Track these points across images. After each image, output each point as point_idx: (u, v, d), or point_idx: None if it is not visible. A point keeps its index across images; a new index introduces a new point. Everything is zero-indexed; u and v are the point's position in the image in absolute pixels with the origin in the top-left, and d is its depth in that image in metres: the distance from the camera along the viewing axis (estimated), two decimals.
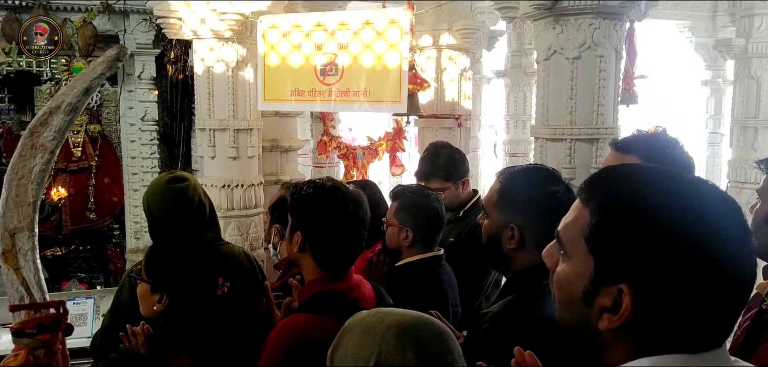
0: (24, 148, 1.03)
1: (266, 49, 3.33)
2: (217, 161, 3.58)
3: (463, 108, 4.02)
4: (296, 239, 1.73)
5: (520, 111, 6.00)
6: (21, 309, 1.09)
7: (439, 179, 2.77)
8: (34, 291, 1.08)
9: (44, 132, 1.04)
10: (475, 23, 3.90)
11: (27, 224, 1.04)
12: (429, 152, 2.87)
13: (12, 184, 1.04)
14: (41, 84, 5.90)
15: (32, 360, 1.09)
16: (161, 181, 2.52)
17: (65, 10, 3.90)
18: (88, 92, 1.06)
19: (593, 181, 0.90)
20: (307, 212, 1.74)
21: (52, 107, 1.04)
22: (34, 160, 1.03)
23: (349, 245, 1.77)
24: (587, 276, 0.84)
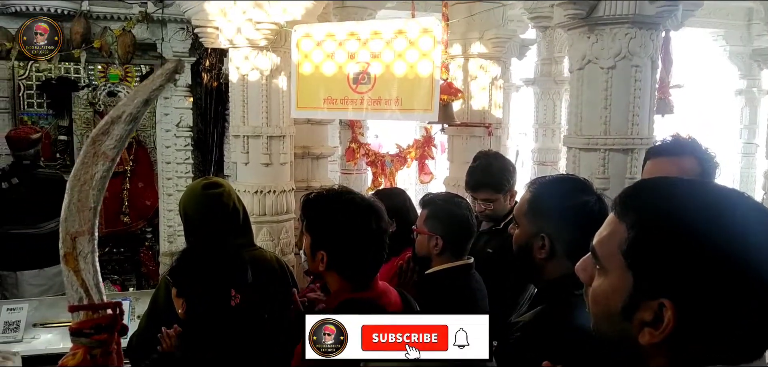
0: (86, 155, 1.08)
1: (300, 58, 3.38)
2: (250, 167, 3.64)
3: (493, 117, 4.02)
4: (320, 257, 1.74)
5: (550, 119, 5.96)
6: (80, 310, 1.14)
7: (490, 190, 2.74)
8: (93, 293, 1.13)
9: (106, 141, 1.09)
10: (506, 32, 3.90)
11: (87, 228, 1.09)
12: (481, 162, 2.83)
13: (74, 190, 1.09)
14: (78, 90, 6.09)
15: (89, 359, 1.13)
16: (197, 187, 2.59)
17: (105, 18, 4.03)
18: (147, 103, 1.10)
19: (629, 196, 0.89)
20: (329, 232, 1.75)
21: (113, 117, 1.09)
22: (95, 167, 1.08)
23: (374, 258, 1.78)
24: (626, 291, 0.84)
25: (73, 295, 1.12)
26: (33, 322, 3.68)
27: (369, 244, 1.75)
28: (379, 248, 1.79)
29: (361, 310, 1.72)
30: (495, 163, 2.84)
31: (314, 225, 1.79)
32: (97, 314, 1.13)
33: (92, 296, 1.12)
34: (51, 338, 3.63)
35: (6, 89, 5.89)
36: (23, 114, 6.01)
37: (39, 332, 3.66)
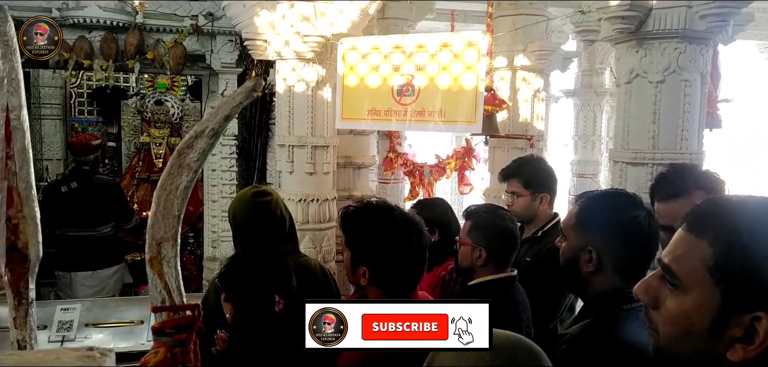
0: (172, 167, 1.15)
1: (345, 70, 3.45)
2: (294, 176, 3.71)
3: (535, 129, 4.02)
4: (362, 272, 1.79)
5: (590, 131, 5.90)
6: (162, 311, 1.21)
7: (519, 183, 2.78)
8: (175, 295, 1.19)
9: (190, 153, 1.16)
10: (549, 45, 3.90)
11: (171, 234, 1.15)
12: (521, 158, 2.91)
13: (161, 199, 1.16)
14: (127, 98, 6.33)
15: (170, 357, 1.20)
16: (247, 195, 2.67)
17: (158, 31, 4.17)
18: (228, 119, 1.17)
19: (705, 213, 0.89)
20: (370, 248, 1.78)
21: (197, 132, 1.16)
22: (180, 178, 1.15)
23: (414, 272, 1.82)
24: (713, 308, 0.83)
25: (157, 296, 1.19)
26: (85, 322, 3.82)
27: (410, 259, 1.79)
28: (419, 262, 1.82)
29: None
30: (532, 161, 2.86)
31: (355, 241, 1.83)
32: (177, 315, 1.20)
33: (174, 298, 1.19)
34: (102, 337, 3.76)
35: (58, 97, 6.16)
36: (74, 121, 6.28)
37: (91, 332, 3.80)
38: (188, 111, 6.28)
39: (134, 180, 6.00)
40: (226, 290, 2.09)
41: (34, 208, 1.19)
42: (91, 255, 4.51)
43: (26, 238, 1.17)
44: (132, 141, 6.29)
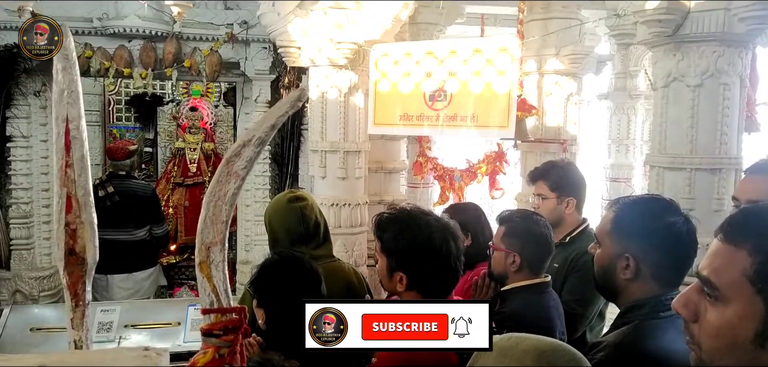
0: (221, 174, 1.20)
1: (378, 76, 3.48)
2: (327, 181, 3.76)
3: (568, 133, 3.99)
4: (398, 278, 1.79)
5: (624, 135, 5.81)
6: (210, 313, 1.25)
7: (546, 185, 2.77)
8: (222, 298, 1.24)
9: (238, 161, 1.20)
10: (583, 48, 3.87)
11: (220, 239, 1.20)
12: (549, 160, 2.91)
13: (210, 205, 1.21)
14: (163, 105, 6.50)
15: (217, 358, 1.24)
16: (283, 200, 2.71)
17: (195, 39, 4.28)
18: (273, 128, 1.21)
19: (742, 223, 0.89)
20: (406, 254, 1.79)
21: (244, 140, 1.20)
22: (228, 186, 1.19)
23: (451, 277, 1.83)
24: (757, 318, 0.83)
25: (205, 299, 1.24)
26: (124, 323, 3.93)
27: (446, 263, 1.79)
28: (455, 266, 1.82)
29: None
30: (560, 165, 2.84)
31: (391, 247, 1.83)
32: (225, 318, 1.24)
33: (222, 301, 1.23)
34: (141, 338, 3.87)
35: (97, 104, 6.37)
36: (112, 127, 6.49)
37: (129, 333, 3.91)
38: (221, 117, 6.41)
39: (169, 184, 6.16)
40: (257, 296, 2.12)
41: (91, 214, 1.25)
42: (126, 258, 4.63)
43: (83, 242, 1.22)
44: (167, 146, 6.46)
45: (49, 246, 4.66)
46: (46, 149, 4.57)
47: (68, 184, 1.18)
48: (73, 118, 1.18)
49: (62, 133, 1.17)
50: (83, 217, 1.22)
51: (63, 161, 1.18)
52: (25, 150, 4.47)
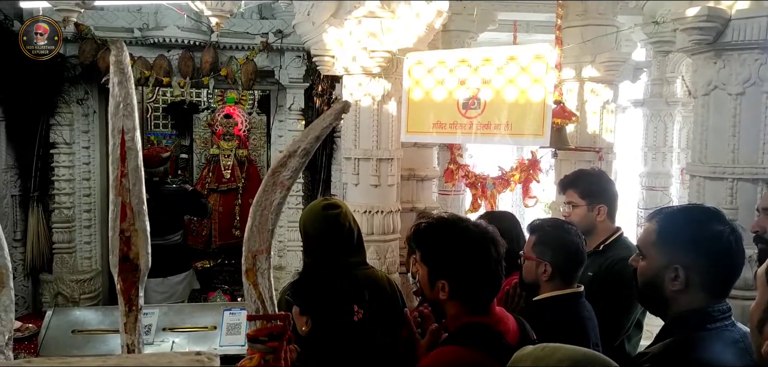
0: (267, 184, 1.23)
1: (411, 84, 3.50)
2: (359, 188, 3.78)
3: (604, 141, 3.94)
4: (441, 286, 1.79)
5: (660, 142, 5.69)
6: (256, 319, 1.28)
7: (576, 193, 2.74)
8: (268, 305, 1.27)
9: (283, 172, 1.23)
10: (620, 55, 3.82)
11: (266, 247, 1.23)
12: (579, 169, 2.89)
13: (256, 214, 1.24)
14: (199, 112, 6.63)
15: (263, 364, 1.27)
16: (317, 207, 2.75)
17: (231, 48, 4.38)
18: (318, 139, 1.23)
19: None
20: (449, 262, 1.79)
21: (290, 151, 1.23)
22: (274, 195, 1.22)
23: (493, 283, 1.82)
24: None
25: (251, 305, 1.27)
26: (162, 326, 4.02)
27: (489, 270, 1.79)
28: (497, 273, 1.83)
29: (480, 334, 1.77)
30: (590, 172, 2.81)
31: (433, 256, 1.84)
32: (270, 324, 1.27)
33: (267, 308, 1.26)
34: (178, 341, 3.95)
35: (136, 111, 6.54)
36: (149, 134, 6.65)
37: (167, 336, 4.00)
38: (255, 124, 6.51)
39: (204, 190, 6.28)
40: (301, 303, 2.14)
41: (144, 222, 1.29)
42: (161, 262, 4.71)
43: (137, 249, 1.27)
44: (202, 153, 6.59)
45: (90, 250, 4.80)
46: (88, 156, 4.72)
47: (123, 193, 1.23)
48: (128, 130, 1.23)
49: (118, 144, 1.22)
50: (137, 225, 1.26)
51: (118, 171, 1.23)
52: (67, 156, 4.63)
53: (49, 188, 4.64)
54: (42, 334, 3.89)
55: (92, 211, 4.80)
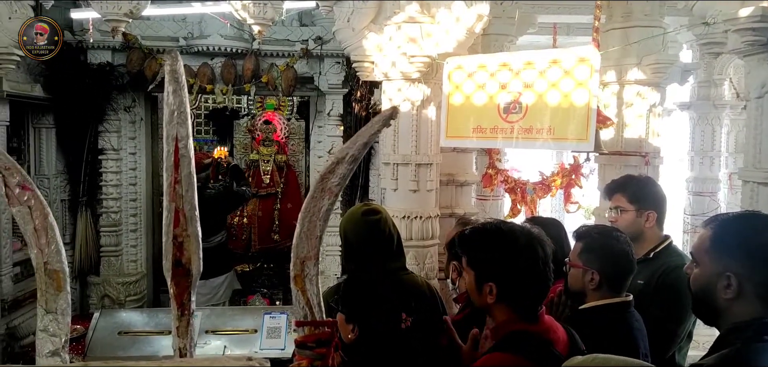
0: (315, 191, 1.23)
1: (451, 89, 3.47)
2: (398, 193, 3.77)
3: (650, 145, 3.82)
4: (488, 289, 1.75)
5: (708, 146, 5.49)
6: (304, 325, 1.29)
7: (624, 197, 2.66)
8: (315, 311, 1.27)
9: (332, 178, 1.23)
10: (667, 57, 3.70)
11: (314, 253, 1.23)
12: (627, 174, 2.81)
13: (305, 220, 1.24)
14: (240, 118, 6.76)
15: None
16: (358, 213, 2.74)
17: (271, 55, 4.44)
18: (366, 145, 1.23)
19: None
20: (497, 265, 1.75)
21: (338, 158, 1.23)
22: (322, 202, 1.23)
23: (542, 288, 1.78)
24: None
25: (299, 311, 1.27)
26: (204, 328, 4.09)
27: (537, 270, 1.75)
28: (546, 277, 1.79)
29: (529, 343, 1.73)
30: (639, 178, 2.73)
31: (480, 259, 1.80)
32: (318, 330, 1.27)
33: (315, 314, 1.26)
34: (220, 343, 4.02)
35: None
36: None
37: (210, 338, 4.07)
38: (294, 129, 6.58)
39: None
40: (348, 311, 2.13)
41: (196, 228, 1.31)
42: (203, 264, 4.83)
43: (189, 254, 1.29)
44: (242, 158, 6.70)
45: (136, 253, 4.94)
46: (135, 162, 4.86)
47: (177, 199, 1.25)
48: (181, 138, 1.25)
49: (172, 151, 1.24)
50: (189, 230, 1.28)
51: (172, 178, 1.25)
52: (115, 162, 4.77)
53: (97, 193, 4.79)
54: (89, 335, 4.01)
55: (138, 215, 4.93)
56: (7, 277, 4.20)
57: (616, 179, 2.81)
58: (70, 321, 1.23)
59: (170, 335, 4.02)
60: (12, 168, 1.27)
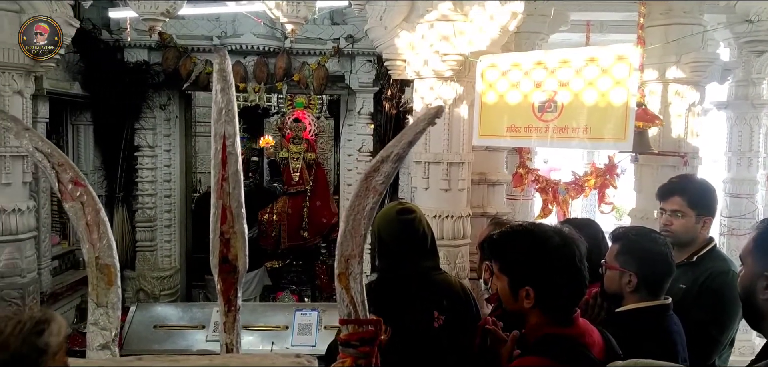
0: (360, 189, 1.23)
1: (484, 88, 3.44)
2: (429, 192, 3.76)
3: (689, 145, 3.73)
4: (524, 294, 1.72)
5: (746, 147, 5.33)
6: (348, 323, 1.29)
7: (683, 201, 2.56)
8: (359, 309, 1.27)
9: (376, 177, 1.23)
10: (706, 55, 3.61)
11: (358, 252, 1.23)
12: (684, 174, 2.76)
13: (349, 219, 1.24)
14: (270, 116, 6.82)
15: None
16: (392, 211, 2.74)
17: (304, 54, 4.47)
18: (411, 144, 1.23)
19: None
20: (533, 269, 1.72)
21: (383, 157, 1.23)
22: (366, 200, 1.23)
23: (577, 291, 1.74)
24: None
25: (343, 309, 1.27)
26: None
27: (573, 270, 1.72)
28: (582, 276, 1.75)
29: (564, 346, 1.70)
30: (699, 180, 2.65)
31: (514, 263, 1.77)
32: (361, 329, 1.27)
33: (359, 312, 1.26)
34: (253, 339, 4.06)
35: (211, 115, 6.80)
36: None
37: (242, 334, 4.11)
38: (323, 127, 6.62)
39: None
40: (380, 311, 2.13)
41: (243, 225, 1.33)
42: None
43: (236, 251, 1.30)
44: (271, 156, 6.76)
45: (170, 248, 5.03)
46: (169, 159, 4.95)
47: (224, 196, 1.26)
48: (229, 135, 1.27)
49: (219, 149, 1.26)
50: (236, 227, 1.30)
51: (219, 175, 1.27)
52: (150, 159, 4.87)
53: (133, 189, 4.89)
54: (126, 329, 4.09)
55: (172, 211, 5.02)
56: (46, 270, 4.31)
57: (675, 181, 2.71)
58: (120, 315, 1.25)
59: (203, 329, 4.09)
60: (65, 164, 1.30)
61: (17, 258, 3.61)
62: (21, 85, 3.60)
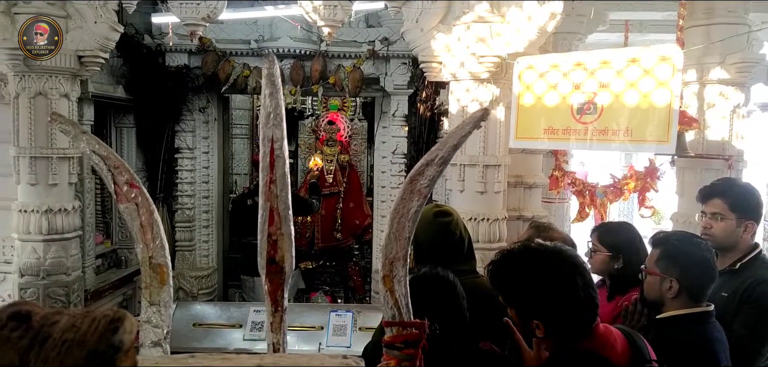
0: (405, 192, 1.24)
1: (521, 89, 3.41)
2: (465, 195, 3.74)
3: (734, 148, 3.62)
4: (535, 325, 1.64)
5: None
6: (392, 325, 1.30)
7: (725, 204, 2.48)
8: (403, 311, 1.28)
9: (421, 180, 1.24)
10: (752, 56, 3.50)
11: (402, 254, 1.24)
12: (726, 177, 2.63)
13: (394, 221, 1.25)
14: (304, 119, 6.89)
15: None
16: (429, 214, 2.73)
17: (339, 57, 4.51)
18: (456, 148, 1.23)
19: None
20: (535, 303, 1.65)
21: (428, 160, 1.24)
22: (411, 203, 1.23)
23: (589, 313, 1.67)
24: None
25: (388, 312, 1.28)
26: None
27: (579, 302, 1.64)
28: (588, 303, 1.66)
29: (575, 363, 1.65)
30: (741, 183, 2.56)
31: (517, 296, 1.70)
32: (406, 331, 1.28)
33: (403, 315, 1.27)
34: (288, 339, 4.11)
35: (247, 118, 6.92)
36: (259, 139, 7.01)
37: None
38: (356, 130, 6.66)
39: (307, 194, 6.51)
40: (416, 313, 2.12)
41: (290, 227, 1.35)
42: None
43: (283, 253, 1.33)
44: (306, 158, 6.83)
45: (208, 248, 5.13)
46: (208, 160, 5.05)
47: (272, 198, 1.29)
48: (277, 139, 1.29)
49: (267, 152, 1.28)
50: (283, 229, 1.32)
51: (267, 178, 1.29)
52: (189, 161, 4.98)
53: (173, 190, 5.00)
54: None
55: (210, 212, 5.12)
56: (90, 269, 4.45)
57: (717, 183, 2.64)
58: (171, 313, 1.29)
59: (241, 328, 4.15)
60: (121, 166, 1.34)
61: (63, 257, 3.74)
62: (67, 89, 3.73)
